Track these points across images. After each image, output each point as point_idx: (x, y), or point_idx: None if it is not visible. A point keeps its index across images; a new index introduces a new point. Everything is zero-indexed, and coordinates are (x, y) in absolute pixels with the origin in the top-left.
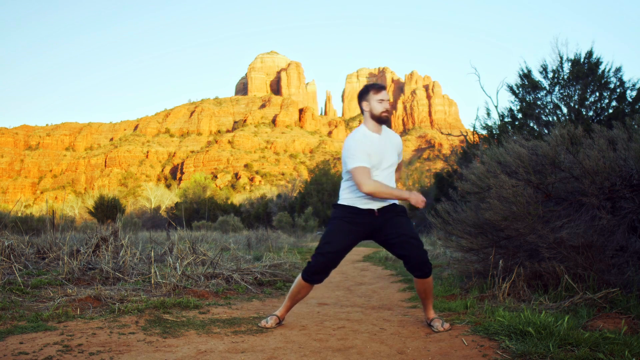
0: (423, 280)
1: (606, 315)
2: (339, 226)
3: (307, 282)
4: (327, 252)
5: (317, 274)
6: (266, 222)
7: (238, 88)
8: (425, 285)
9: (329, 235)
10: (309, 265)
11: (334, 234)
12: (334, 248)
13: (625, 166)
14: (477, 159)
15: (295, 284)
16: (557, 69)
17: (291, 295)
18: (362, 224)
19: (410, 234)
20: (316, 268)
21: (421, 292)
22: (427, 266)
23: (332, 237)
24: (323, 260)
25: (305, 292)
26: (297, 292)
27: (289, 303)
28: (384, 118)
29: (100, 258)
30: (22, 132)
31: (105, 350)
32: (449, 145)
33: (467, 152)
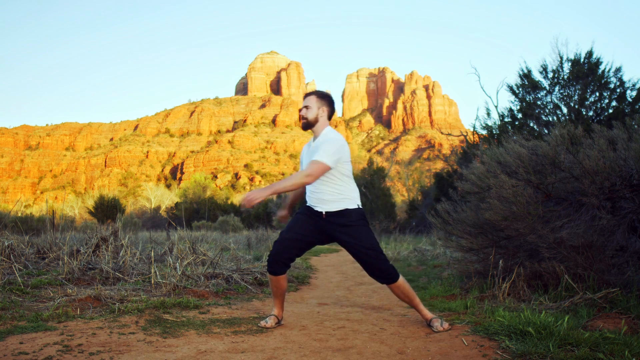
0: (392, 287)
1: (606, 315)
2: (297, 218)
3: (269, 273)
4: (283, 238)
5: (275, 262)
6: (266, 222)
7: (238, 88)
8: (398, 291)
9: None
10: (269, 255)
11: (292, 223)
12: (288, 235)
13: (625, 166)
14: (477, 159)
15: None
16: (557, 69)
17: (272, 293)
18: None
19: (359, 244)
20: (272, 255)
21: (401, 298)
22: (383, 274)
23: (289, 225)
24: (279, 245)
25: (277, 284)
26: (273, 286)
27: (276, 300)
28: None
29: (100, 258)
30: (22, 132)
31: (105, 350)
32: (449, 145)
33: (467, 152)
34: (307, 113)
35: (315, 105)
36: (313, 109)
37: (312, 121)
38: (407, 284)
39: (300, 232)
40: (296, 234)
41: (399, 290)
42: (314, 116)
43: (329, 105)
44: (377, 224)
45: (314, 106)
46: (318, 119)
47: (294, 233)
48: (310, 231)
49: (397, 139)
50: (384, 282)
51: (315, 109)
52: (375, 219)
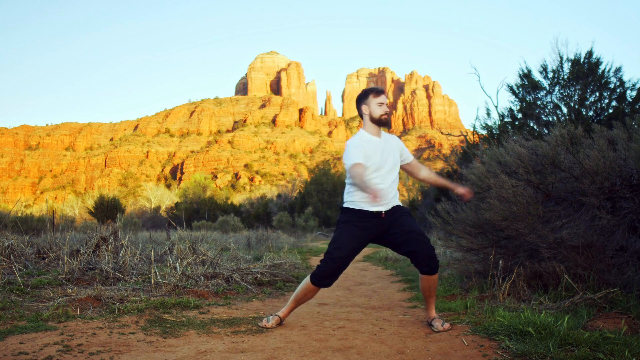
0: (429, 277)
1: (606, 315)
2: (348, 230)
3: (316, 285)
4: (337, 257)
5: (327, 278)
6: (266, 222)
7: (238, 88)
8: (430, 282)
9: (338, 240)
10: (319, 270)
11: (343, 239)
12: (343, 253)
13: (625, 166)
14: (477, 159)
15: (302, 287)
16: (557, 69)
17: (296, 298)
18: (370, 227)
19: (416, 230)
20: (327, 273)
21: (425, 290)
22: (433, 261)
23: (341, 242)
24: (333, 265)
25: (312, 295)
26: (304, 295)
27: (293, 305)
28: (384, 120)
29: (100, 258)
30: (22, 132)
31: (105, 350)
32: (449, 145)
33: (467, 152)
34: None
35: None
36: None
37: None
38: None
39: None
40: (354, 248)
41: (432, 282)
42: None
43: None
44: None
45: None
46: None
47: (348, 251)
48: (366, 239)
49: None
50: (430, 271)
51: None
52: None
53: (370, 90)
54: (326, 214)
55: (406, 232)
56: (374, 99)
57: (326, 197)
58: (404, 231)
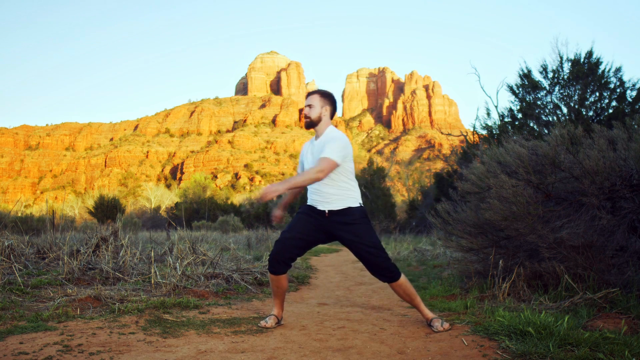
0: (393, 286)
1: (606, 315)
2: (299, 217)
3: (270, 272)
4: (284, 237)
5: (276, 261)
6: (266, 222)
7: (238, 88)
8: (400, 290)
9: (290, 224)
10: (270, 255)
11: (293, 222)
12: (290, 234)
13: (625, 166)
14: (477, 159)
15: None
16: (557, 69)
17: (273, 293)
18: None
19: (361, 241)
20: (273, 254)
21: (402, 297)
22: (386, 271)
23: (291, 225)
24: (280, 245)
25: (279, 284)
26: (274, 286)
27: (276, 300)
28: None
29: (100, 258)
30: (22, 132)
31: (105, 350)
32: (449, 145)
33: (467, 152)
34: (310, 112)
35: (319, 104)
36: (316, 108)
37: (315, 120)
38: (409, 283)
39: (301, 231)
40: (298, 233)
41: (400, 289)
42: (317, 115)
43: (332, 104)
44: (377, 224)
45: (317, 105)
46: (321, 117)
47: (295, 232)
48: (311, 230)
49: (397, 139)
50: (386, 280)
51: (318, 107)
52: (375, 219)
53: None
54: None
55: (351, 243)
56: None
57: None
58: (349, 242)
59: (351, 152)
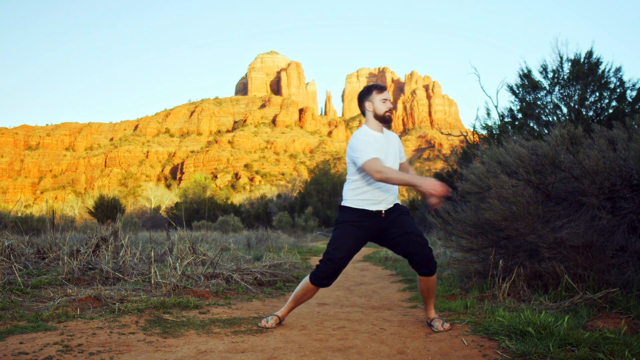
0: (427, 279)
1: (606, 315)
2: (347, 231)
3: (316, 285)
4: (336, 257)
5: (327, 278)
6: (266, 222)
7: (238, 88)
8: (429, 284)
9: (337, 240)
10: (318, 271)
11: (342, 239)
12: (342, 253)
13: (625, 166)
14: (477, 159)
15: (301, 286)
16: (557, 69)
17: (296, 297)
18: (370, 227)
19: (416, 231)
20: (326, 273)
21: (424, 291)
22: (432, 263)
23: (340, 243)
24: (332, 266)
25: (311, 295)
26: (303, 294)
27: (292, 304)
28: (387, 117)
29: (100, 258)
30: (22, 132)
31: (105, 350)
32: (449, 145)
33: (467, 152)
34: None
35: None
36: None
37: None
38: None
39: (352, 248)
40: (350, 251)
41: (431, 282)
42: None
43: None
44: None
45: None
46: None
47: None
48: (361, 243)
49: None
50: (428, 272)
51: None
52: None
53: (374, 87)
54: (326, 214)
55: (405, 233)
56: (378, 95)
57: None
58: (403, 232)
59: None
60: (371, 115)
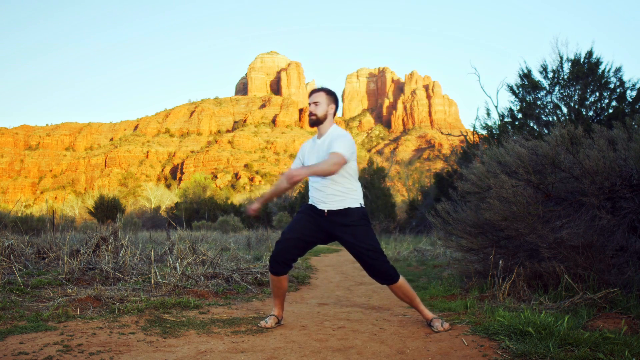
0: (392, 287)
1: (606, 315)
2: (300, 217)
3: (270, 273)
4: (285, 238)
5: (277, 262)
6: (266, 222)
7: (238, 88)
8: (399, 291)
9: (290, 224)
10: (271, 255)
11: (293, 222)
12: (290, 234)
13: (625, 166)
14: (477, 159)
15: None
16: (557, 69)
17: (273, 293)
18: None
19: (359, 244)
20: (274, 255)
21: (402, 298)
22: (384, 275)
23: (291, 225)
24: (281, 245)
25: (279, 285)
26: (274, 287)
27: (276, 300)
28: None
29: (100, 258)
30: (22, 132)
31: (105, 350)
32: (449, 145)
33: (467, 152)
34: (317, 109)
35: (325, 102)
36: (322, 105)
37: (322, 118)
38: (408, 284)
39: (302, 231)
40: (298, 233)
41: (399, 290)
42: (323, 113)
43: (336, 102)
44: (377, 224)
45: (323, 102)
46: (327, 115)
47: (295, 233)
48: (312, 230)
49: (397, 139)
50: (384, 282)
51: (324, 105)
52: (375, 219)
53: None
54: None
55: (351, 246)
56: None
57: None
58: (348, 245)
59: (355, 151)
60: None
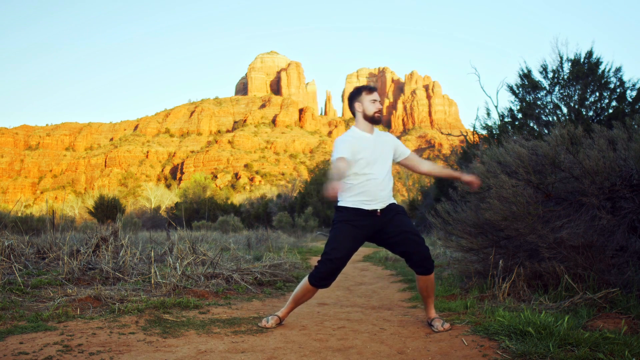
0: (425, 278)
1: (606, 315)
2: (344, 230)
3: (315, 286)
4: (334, 258)
5: (325, 279)
6: (266, 222)
7: (238, 88)
8: (427, 283)
9: (335, 240)
10: (317, 271)
11: (340, 239)
12: (340, 253)
13: (625, 166)
14: (477, 159)
15: (300, 287)
16: (557, 69)
17: (295, 298)
18: (366, 226)
19: (412, 230)
20: (325, 274)
21: (423, 290)
22: (429, 262)
23: (338, 242)
24: (331, 266)
25: (310, 296)
26: (302, 295)
27: (292, 305)
28: (377, 118)
29: (100, 258)
30: (22, 132)
31: (105, 350)
32: (449, 145)
33: (467, 152)
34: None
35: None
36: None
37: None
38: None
39: (352, 245)
40: (349, 249)
41: (429, 282)
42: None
43: None
44: None
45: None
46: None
47: (346, 250)
48: (358, 242)
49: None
50: (425, 271)
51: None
52: None
53: (363, 88)
54: (326, 214)
55: (402, 232)
56: (367, 96)
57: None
58: (399, 231)
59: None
60: (361, 116)
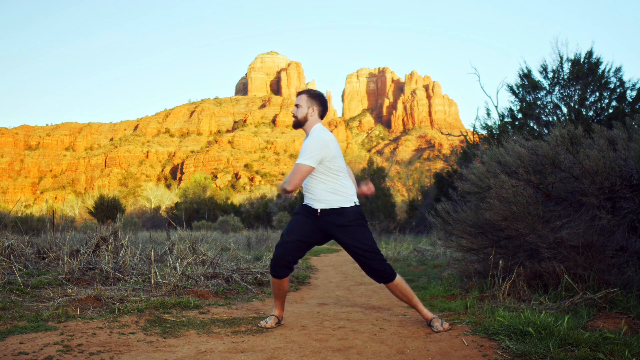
0: (389, 286)
1: (606, 315)
2: (297, 218)
3: (272, 276)
4: (285, 241)
5: (279, 266)
6: (266, 222)
7: (238, 88)
8: (397, 290)
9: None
10: (272, 259)
11: (291, 224)
12: (290, 237)
13: (625, 166)
14: (477, 159)
15: (271, 283)
16: (557, 69)
17: (274, 294)
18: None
19: (355, 244)
20: (276, 259)
21: (400, 297)
22: (382, 273)
23: (290, 227)
24: (282, 249)
25: (281, 286)
26: (274, 288)
27: (277, 301)
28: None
29: (100, 258)
30: (22, 132)
31: (105, 350)
32: (449, 145)
33: (467, 152)
34: (297, 112)
35: (306, 105)
36: (303, 108)
37: (302, 120)
38: (405, 283)
39: (301, 232)
40: (297, 235)
41: (397, 289)
42: (303, 115)
43: (320, 104)
44: (377, 224)
45: (304, 105)
46: (307, 117)
47: (294, 234)
48: (310, 231)
49: (397, 139)
50: (381, 281)
51: (305, 108)
52: (375, 219)
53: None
54: None
55: (346, 245)
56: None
57: None
58: (343, 243)
59: (334, 149)
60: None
